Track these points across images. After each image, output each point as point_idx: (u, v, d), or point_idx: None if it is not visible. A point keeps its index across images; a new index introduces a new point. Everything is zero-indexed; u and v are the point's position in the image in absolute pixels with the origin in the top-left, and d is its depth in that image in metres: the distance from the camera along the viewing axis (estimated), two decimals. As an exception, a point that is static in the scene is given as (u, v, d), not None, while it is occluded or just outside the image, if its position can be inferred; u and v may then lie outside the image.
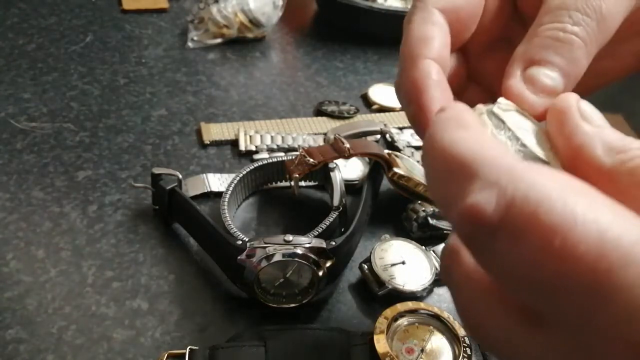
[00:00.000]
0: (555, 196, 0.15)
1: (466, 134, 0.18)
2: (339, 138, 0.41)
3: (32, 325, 0.34)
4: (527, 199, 0.15)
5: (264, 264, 0.33)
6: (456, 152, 0.18)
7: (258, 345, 0.31)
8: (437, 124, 0.19)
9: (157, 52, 0.62)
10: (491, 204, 0.16)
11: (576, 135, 0.20)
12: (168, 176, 0.40)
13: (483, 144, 0.18)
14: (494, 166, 0.17)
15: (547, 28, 0.24)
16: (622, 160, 0.19)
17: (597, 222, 0.15)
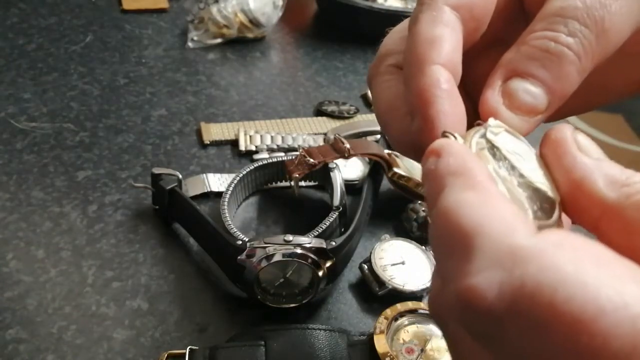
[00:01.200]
0: (573, 279, 0.13)
1: (472, 197, 0.16)
2: (339, 138, 0.41)
3: (32, 325, 0.34)
4: (540, 285, 0.14)
5: (264, 264, 0.33)
6: (459, 220, 0.16)
7: (258, 345, 0.31)
8: (442, 180, 0.17)
9: (157, 52, 0.62)
10: (492, 289, 0.14)
11: (575, 169, 0.19)
12: (168, 176, 0.40)
13: (489, 210, 0.16)
14: (499, 242, 0.15)
15: (537, 36, 0.21)
16: (627, 194, 0.18)
17: (627, 308, 0.13)
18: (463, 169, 0.17)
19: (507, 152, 0.20)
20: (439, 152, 0.18)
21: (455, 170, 0.18)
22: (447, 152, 0.18)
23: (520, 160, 0.20)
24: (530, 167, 0.20)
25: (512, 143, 0.20)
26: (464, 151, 0.18)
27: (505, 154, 0.20)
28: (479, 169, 0.18)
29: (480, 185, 0.17)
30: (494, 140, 0.20)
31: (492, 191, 0.17)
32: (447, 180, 0.17)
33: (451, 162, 0.18)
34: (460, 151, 0.18)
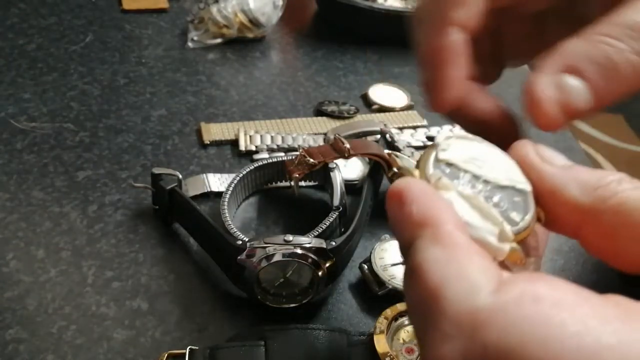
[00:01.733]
0: (533, 339, 0.13)
1: (439, 255, 0.16)
2: (339, 138, 0.41)
3: (32, 325, 0.34)
4: (501, 350, 0.13)
5: (264, 264, 0.33)
6: (426, 283, 0.16)
7: (258, 345, 0.31)
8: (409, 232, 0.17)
9: (157, 52, 0.62)
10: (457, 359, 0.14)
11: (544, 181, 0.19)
12: (168, 176, 0.40)
13: (453, 269, 0.15)
14: (460, 306, 0.14)
15: (606, 41, 0.20)
16: (602, 197, 0.18)
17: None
18: (427, 219, 0.17)
19: (465, 163, 0.20)
20: (401, 197, 0.18)
21: (420, 221, 0.17)
22: (410, 199, 0.18)
23: (480, 165, 0.20)
24: (491, 166, 0.20)
25: (466, 150, 0.21)
26: (425, 194, 0.18)
27: (464, 167, 0.20)
28: (443, 213, 0.17)
29: (446, 238, 0.16)
30: (448, 159, 0.20)
31: (459, 242, 0.16)
32: (414, 233, 0.17)
33: (414, 211, 0.17)
34: (422, 195, 0.18)
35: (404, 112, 0.56)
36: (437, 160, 0.20)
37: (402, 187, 0.18)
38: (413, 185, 0.18)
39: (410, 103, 0.57)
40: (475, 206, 0.19)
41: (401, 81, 0.61)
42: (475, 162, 0.20)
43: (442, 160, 0.20)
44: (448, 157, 0.20)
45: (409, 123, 0.54)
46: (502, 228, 0.19)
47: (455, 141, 0.21)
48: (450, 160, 0.20)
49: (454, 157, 0.20)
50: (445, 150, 0.20)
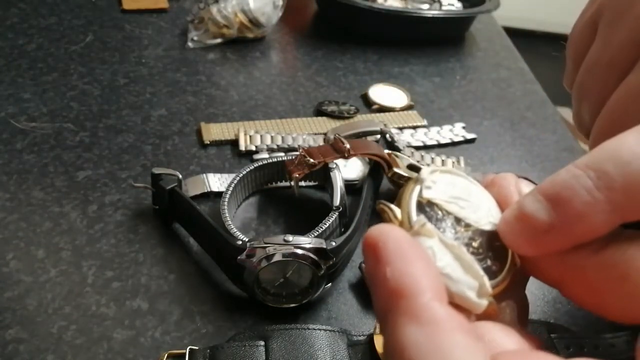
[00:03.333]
0: None
1: (416, 335, 0.15)
2: (339, 138, 0.41)
3: (32, 325, 0.34)
4: None
5: (264, 264, 0.33)
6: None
7: (258, 345, 0.31)
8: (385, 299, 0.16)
9: (157, 52, 0.62)
10: None
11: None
12: (168, 176, 0.40)
13: (439, 353, 0.14)
14: None
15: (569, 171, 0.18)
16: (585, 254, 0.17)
17: None
18: (403, 288, 0.16)
19: (448, 204, 0.20)
20: (376, 252, 0.16)
21: (395, 289, 0.16)
22: (385, 258, 0.16)
23: (463, 206, 0.20)
24: (474, 206, 0.20)
25: (450, 187, 0.20)
26: (401, 253, 0.16)
27: (447, 208, 0.19)
28: (420, 278, 0.16)
29: (424, 314, 0.15)
30: (432, 198, 0.19)
31: (438, 318, 0.15)
32: (389, 302, 0.16)
33: (389, 275, 0.16)
34: (398, 255, 0.16)
35: (404, 112, 0.56)
36: (421, 199, 0.19)
37: (377, 238, 0.17)
38: (389, 238, 0.17)
39: (410, 103, 0.57)
40: (457, 256, 0.18)
41: (401, 81, 0.61)
42: (458, 202, 0.20)
43: (425, 199, 0.19)
44: (432, 196, 0.20)
45: (409, 123, 0.54)
46: (482, 283, 0.18)
47: (439, 176, 0.20)
48: (433, 200, 0.19)
49: (437, 197, 0.20)
50: (430, 188, 0.20)
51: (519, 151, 0.54)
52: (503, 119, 0.58)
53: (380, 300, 0.16)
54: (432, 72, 0.64)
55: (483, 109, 0.59)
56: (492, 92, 0.62)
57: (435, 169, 0.20)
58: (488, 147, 0.54)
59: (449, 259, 0.18)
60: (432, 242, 0.18)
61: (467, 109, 0.59)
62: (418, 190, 0.20)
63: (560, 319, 0.37)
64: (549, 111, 0.60)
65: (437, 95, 0.60)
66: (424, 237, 0.18)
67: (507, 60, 0.69)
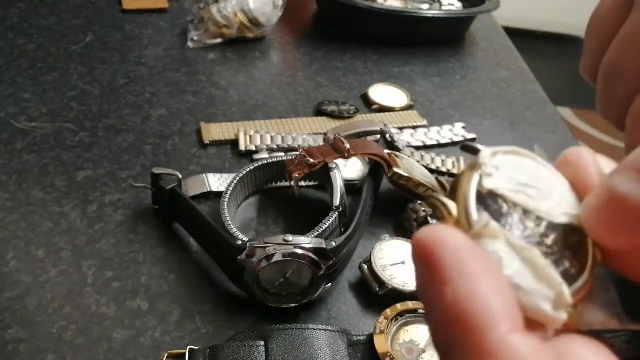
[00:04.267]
0: None
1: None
2: (339, 138, 0.41)
3: (32, 325, 0.34)
4: None
5: (264, 264, 0.33)
6: None
7: (258, 345, 0.31)
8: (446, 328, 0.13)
9: (157, 52, 0.62)
10: None
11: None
12: (168, 176, 0.40)
13: None
14: None
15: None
16: None
17: None
18: (470, 318, 0.13)
19: (515, 193, 0.16)
20: (431, 263, 0.14)
21: (460, 318, 0.13)
22: (444, 274, 0.13)
23: (532, 195, 0.16)
24: (545, 193, 0.16)
25: (516, 172, 0.16)
26: (464, 269, 0.13)
27: (513, 199, 0.16)
28: (493, 305, 0.13)
29: (502, 354, 0.12)
30: (496, 188, 0.16)
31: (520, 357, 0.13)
32: (452, 333, 0.13)
33: (450, 298, 0.13)
34: (461, 272, 0.13)
35: (404, 112, 0.56)
36: (481, 190, 0.16)
37: (431, 246, 0.14)
38: (447, 246, 0.14)
39: (410, 103, 0.57)
40: (528, 261, 0.15)
41: (401, 81, 0.61)
42: (526, 190, 0.16)
43: (486, 189, 0.16)
44: (495, 185, 0.16)
45: (409, 123, 0.54)
46: (560, 292, 0.15)
47: (502, 159, 0.16)
48: (497, 191, 0.16)
49: (502, 186, 0.16)
50: (491, 175, 0.16)
51: (519, 151, 0.54)
52: (503, 119, 0.58)
53: (439, 329, 0.13)
54: (432, 72, 0.64)
55: (483, 109, 0.59)
56: (492, 92, 0.62)
57: (497, 150, 0.17)
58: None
59: (518, 264, 0.15)
60: (497, 245, 0.15)
61: (467, 109, 0.59)
62: (477, 178, 0.16)
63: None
64: (549, 111, 0.60)
65: (437, 95, 0.60)
66: (487, 239, 0.15)
67: (507, 60, 0.69)
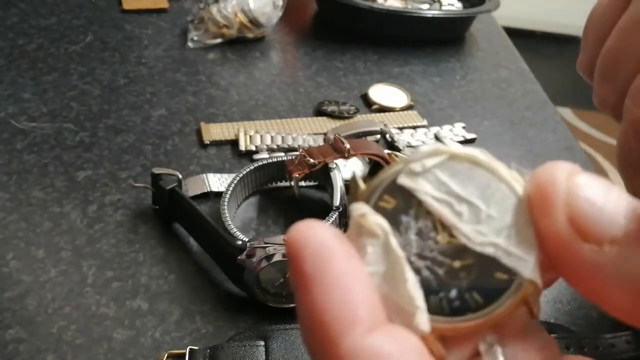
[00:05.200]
0: None
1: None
2: (339, 138, 0.41)
3: (32, 325, 0.34)
4: None
5: (264, 264, 0.33)
6: None
7: (258, 345, 0.31)
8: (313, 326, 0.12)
9: (157, 52, 0.62)
10: None
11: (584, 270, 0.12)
12: (168, 176, 0.40)
13: None
14: None
15: None
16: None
17: None
18: (323, 327, 0.12)
19: (435, 201, 0.14)
20: (294, 259, 0.13)
21: (316, 326, 0.12)
22: (304, 271, 0.13)
23: (461, 210, 0.14)
24: (482, 216, 0.14)
25: (455, 180, 0.14)
26: (326, 262, 0.13)
27: (429, 206, 0.14)
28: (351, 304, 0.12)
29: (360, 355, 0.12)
30: (412, 188, 0.14)
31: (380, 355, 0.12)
32: (312, 343, 0.13)
33: (308, 303, 0.12)
34: (322, 266, 0.13)
35: (403, 112, 0.56)
36: (392, 185, 0.14)
37: (296, 246, 0.14)
38: (310, 247, 0.13)
39: (410, 103, 0.57)
40: (394, 270, 0.13)
41: (401, 81, 0.61)
42: (455, 204, 0.14)
43: (400, 185, 0.14)
44: (411, 185, 0.14)
45: (409, 123, 0.54)
46: (413, 315, 0.13)
47: (441, 163, 0.14)
48: (413, 192, 0.14)
49: (422, 189, 0.14)
50: (414, 174, 0.14)
51: (519, 151, 0.54)
52: (503, 119, 0.58)
53: (305, 338, 0.13)
54: (432, 72, 0.64)
55: (483, 109, 0.59)
56: (492, 92, 0.62)
57: (445, 150, 0.14)
58: (488, 147, 0.53)
59: (383, 270, 0.14)
60: (371, 241, 0.14)
61: (467, 109, 0.59)
62: (397, 171, 0.14)
63: (560, 319, 0.37)
64: (549, 111, 0.60)
65: (437, 95, 0.60)
66: (365, 235, 0.14)
67: (507, 60, 0.69)
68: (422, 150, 0.14)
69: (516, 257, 0.13)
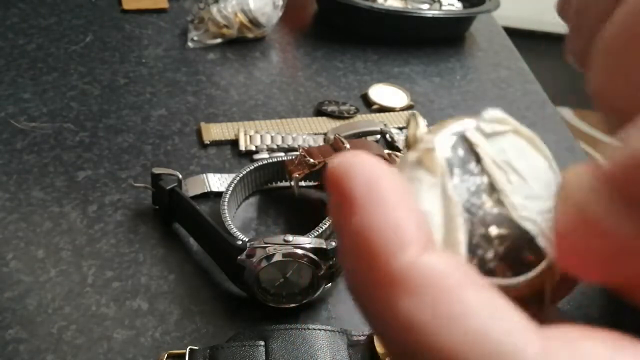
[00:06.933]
0: None
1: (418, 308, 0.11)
2: (339, 138, 0.41)
3: (32, 325, 0.34)
4: None
5: (264, 264, 0.33)
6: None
7: (258, 345, 0.31)
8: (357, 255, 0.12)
9: (157, 52, 0.62)
10: None
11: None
12: (168, 176, 0.40)
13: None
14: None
15: None
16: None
17: None
18: (377, 245, 0.11)
19: (494, 164, 0.14)
20: (339, 187, 0.12)
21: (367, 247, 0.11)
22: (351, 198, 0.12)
23: (514, 181, 0.14)
24: (529, 191, 0.14)
25: (514, 153, 0.14)
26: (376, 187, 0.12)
27: (487, 167, 0.14)
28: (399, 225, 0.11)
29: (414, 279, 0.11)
30: (479, 145, 0.14)
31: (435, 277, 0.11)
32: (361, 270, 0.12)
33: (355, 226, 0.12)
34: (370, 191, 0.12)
35: (404, 112, 0.56)
36: (467, 136, 0.14)
37: (343, 171, 0.12)
38: (359, 171, 0.12)
39: (410, 103, 0.57)
40: (446, 214, 0.13)
41: (401, 81, 0.61)
42: (510, 173, 0.14)
43: (467, 140, 0.14)
44: (479, 142, 0.14)
45: (409, 123, 0.54)
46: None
47: (505, 133, 0.14)
48: (477, 148, 0.14)
49: (486, 149, 0.14)
50: (483, 133, 0.14)
51: (519, 151, 0.54)
52: (503, 119, 0.58)
53: (346, 264, 0.12)
54: (432, 72, 0.64)
55: (483, 108, 0.59)
56: (492, 92, 0.62)
57: (509, 122, 0.14)
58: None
59: (435, 208, 0.13)
60: (428, 179, 0.13)
61: (467, 109, 0.59)
62: (470, 124, 0.14)
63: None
64: (549, 111, 0.60)
65: (437, 95, 0.60)
66: (422, 170, 0.13)
67: (507, 60, 0.69)
68: (493, 115, 0.14)
69: (550, 241, 0.13)
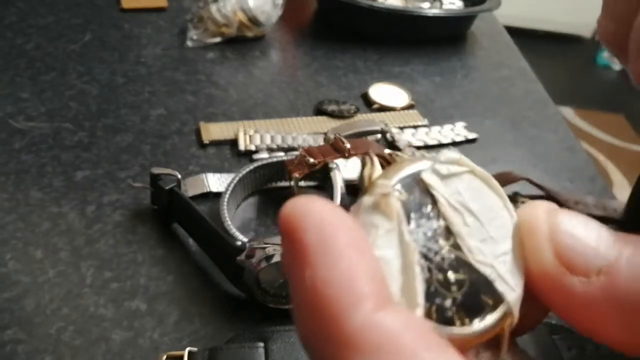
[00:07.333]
0: None
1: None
2: (339, 138, 0.41)
3: (30, 326, 0.34)
4: None
5: (264, 264, 0.33)
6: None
7: (258, 346, 0.31)
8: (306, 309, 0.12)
9: (156, 51, 0.62)
10: None
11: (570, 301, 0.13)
12: (167, 176, 0.40)
13: None
14: None
15: None
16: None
17: None
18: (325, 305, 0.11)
19: (449, 207, 0.14)
20: (291, 235, 0.12)
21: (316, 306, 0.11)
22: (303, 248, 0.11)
23: (470, 223, 0.14)
24: (485, 235, 0.14)
25: (469, 194, 0.14)
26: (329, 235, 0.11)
27: (443, 210, 0.13)
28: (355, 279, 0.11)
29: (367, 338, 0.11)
30: (435, 187, 0.14)
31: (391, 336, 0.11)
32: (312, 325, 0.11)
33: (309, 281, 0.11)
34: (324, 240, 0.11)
35: (404, 112, 0.56)
36: (422, 178, 0.14)
37: (294, 220, 0.12)
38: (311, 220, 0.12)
39: (410, 102, 0.57)
40: (403, 261, 0.13)
41: (401, 81, 0.61)
42: (466, 215, 0.14)
43: (425, 181, 0.14)
44: (434, 184, 0.14)
45: (410, 122, 0.54)
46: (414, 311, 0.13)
47: (466, 176, 0.14)
48: (433, 189, 0.14)
49: (442, 191, 0.14)
50: (440, 175, 0.14)
51: (520, 151, 0.53)
52: (504, 119, 0.58)
53: (301, 321, 0.12)
54: (433, 72, 0.64)
55: (484, 108, 0.59)
56: (494, 92, 0.62)
57: (464, 163, 0.14)
58: (489, 147, 0.53)
59: (392, 255, 0.13)
60: (384, 224, 0.13)
61: (468, 109, 0.58)
62: (425, 166, 0.14)
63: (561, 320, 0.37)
64: (551, 111, 0.60)
65: (438, 95, 0.60)
66: (378, 215, 0.13)
67: (508, 59, 0.69)
68: (448, 156, 0.14)
69: (508, 285, 0.13)
